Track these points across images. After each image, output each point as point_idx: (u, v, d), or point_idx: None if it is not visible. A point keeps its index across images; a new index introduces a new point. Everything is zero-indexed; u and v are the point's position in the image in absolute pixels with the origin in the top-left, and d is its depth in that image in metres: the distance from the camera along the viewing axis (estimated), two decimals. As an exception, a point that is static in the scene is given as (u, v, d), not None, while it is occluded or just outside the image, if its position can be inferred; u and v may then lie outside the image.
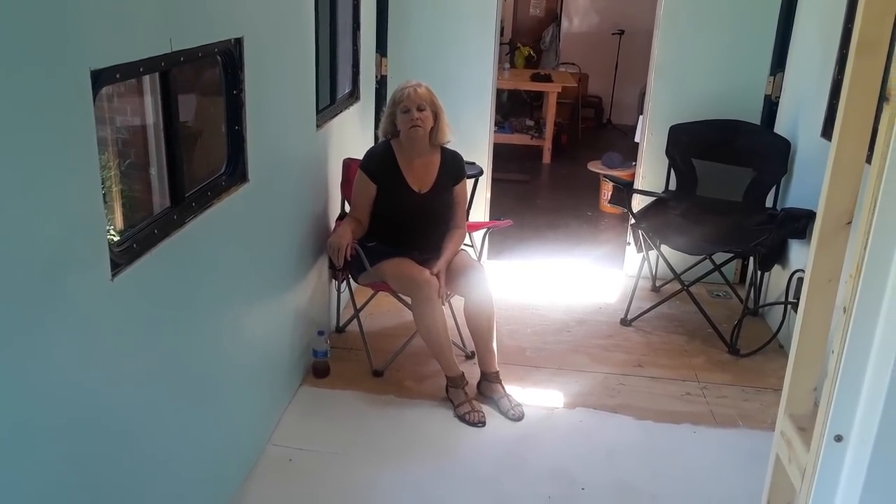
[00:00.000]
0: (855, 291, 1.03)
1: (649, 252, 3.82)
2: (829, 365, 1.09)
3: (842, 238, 1.26)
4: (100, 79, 1.53)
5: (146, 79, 2.92)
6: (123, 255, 1.69)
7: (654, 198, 3.96)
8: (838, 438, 1.09)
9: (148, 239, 1.80)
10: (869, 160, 1.09)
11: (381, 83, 4.17)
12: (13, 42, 1.28)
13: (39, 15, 1.35)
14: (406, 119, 2.99)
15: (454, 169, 3.16)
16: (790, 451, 1.34)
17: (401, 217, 3.12)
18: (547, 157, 6.98)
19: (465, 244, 3.29)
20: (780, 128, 3.86)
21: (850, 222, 1.25)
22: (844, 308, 1.06)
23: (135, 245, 1.75)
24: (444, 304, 3.02)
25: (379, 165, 3.10)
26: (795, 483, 1.28)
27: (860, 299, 1.03)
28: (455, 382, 3.00)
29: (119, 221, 3.03)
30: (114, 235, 2.04)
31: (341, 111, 3.56)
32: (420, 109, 2.98)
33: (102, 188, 1.61)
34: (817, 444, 1.11)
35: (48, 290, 1.42)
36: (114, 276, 1.63)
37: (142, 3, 1.70)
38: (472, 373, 3.13)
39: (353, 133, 3.80)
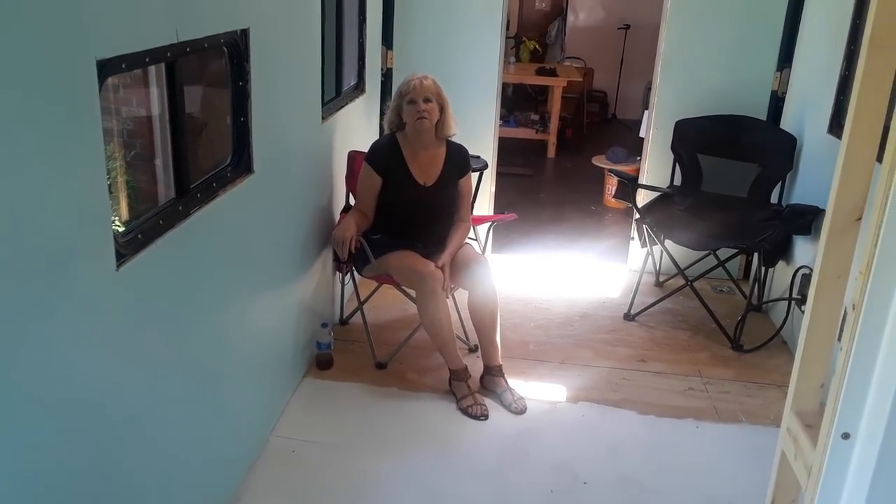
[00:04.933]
0: (864, 288, 1.03)
1: (653, 247, 3.82)
2: (838, 362, 1.09)
3: (851, 234, 1.25)
4: (105, 69, 1.53)
5: (152, 70, 2.92)
6: (129, 246, 1.69)
7: (659, 193, 3.94)
8: (845, 436, 1.08)
9: (153, 230, 1.80)
10: (880, 157, 1.08)
11: (387, 76, 4.16)
12: (19, 32, 1.27)
13: (45, 4, 1.34)
14: (412, 110, 2.98)
15: (459, 162, 3.16)
16: (796, 448, 1.33)
17: (406, 210, 3.11)
18: (551, 152, 6.96)
19: (469, 238, 3.28)
20: (787, 124, 3.85)
21: (860, 218, 1.24)
22: (853, 305, 1.05)
23: (140, 236, 1.75)
24: (447, 298, 3.02)
25: (384, 158, 3.09)
26: (801, 480, 1.28)
27: (869, 296, 1.03)
28: (458, 375, 3.00)
29: (124, 212, 3.03)
30: (119, 226, 2.04)
31: (347, 103, 3.55)
32: (426, 101, 2.97)
33: (108, 179, 1.61)
34: (824, 442, 1.11)
35: (53, 280, 1.42)
36: (119, 266, 1.63)
37: (148, -7, 1.69)
38: (476, 366, 3.13)
39: (359, 125, 3.79)
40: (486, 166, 4.11)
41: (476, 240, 3.69)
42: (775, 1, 3.79)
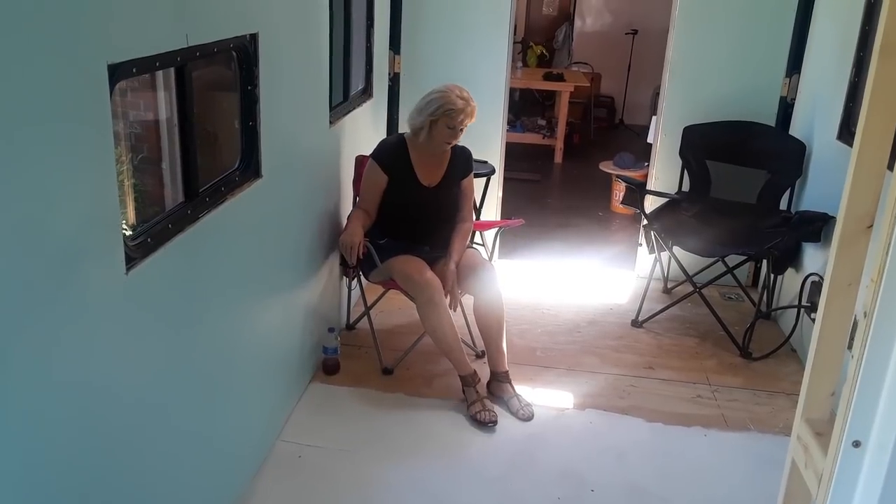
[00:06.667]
0: (876, 296, 1.02)
1: (661, 253, 3.80)
2: (849, 370, 1.08)
3: (863, 242, 1.25)
4: (116, 73, 1.53)
5: (160, 74, 2.93)
6: (138, 249, 1.69)
7: (667, 199, 3.93)
8: (856, 444, 1.07)
9: (162, 233, 1.81)
10: (891, 165, 1.08)
11: (394, 81, 4.17)
12: (30, 36, 1.28)
13: (57, 9, 1.35)
14: (449, 136, 2.98)
15: (463, 164, 3.17)
16: (807, 456, 1.32)
17: (409, 211, 3.11)
18: (559, 157, 6.96)
19: (476, 243, 3.28)
20: (796, 130, 3.83)
21: (871, 226, 1.24)
22: (865, 313, 1.04)
23: (149, 239, 1.75)
24: (454, 309, 3.00)
25: (391, 157, 3.09)
26: (811, 488, 1.27)
27: (881, 304, 1.02)
28: (467, 381, 2.99)
29: (131, 216, 3.03)
30: (126, 230, 2.05)
31: (354, 108, 3.55)
32: (462, 131, 2.99)
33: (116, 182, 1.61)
34: (835, 450, 1.10)
35: (63, 283, 1.42)
36: (128, 269, 1.63)
37: (159, -2, 1.70)
38: (482, 372, 3.12)
39: (366, 130, 3.80)
40: (493, 171, 4.11)
41: (483, 245, 3.69)
42: (784, 6, 3.79)
